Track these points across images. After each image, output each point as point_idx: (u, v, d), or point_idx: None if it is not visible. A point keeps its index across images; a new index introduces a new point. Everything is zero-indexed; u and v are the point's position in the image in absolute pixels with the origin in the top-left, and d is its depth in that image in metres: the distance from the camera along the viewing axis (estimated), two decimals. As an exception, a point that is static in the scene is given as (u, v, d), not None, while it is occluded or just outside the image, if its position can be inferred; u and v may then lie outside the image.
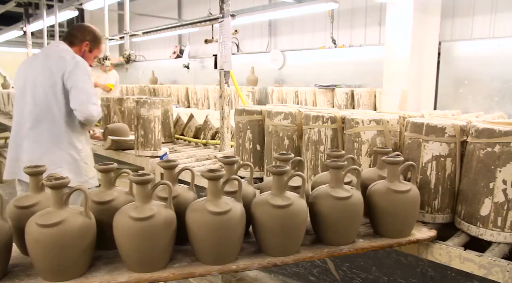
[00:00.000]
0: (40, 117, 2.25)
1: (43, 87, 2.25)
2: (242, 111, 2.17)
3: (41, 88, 2.25)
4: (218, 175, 1.12)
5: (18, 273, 1.09)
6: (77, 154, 2.32)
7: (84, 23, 2.63)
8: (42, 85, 2.25)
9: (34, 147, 2.25)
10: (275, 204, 1.15)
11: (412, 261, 1.58)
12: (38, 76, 2.28)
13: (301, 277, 2.49)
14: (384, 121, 1.68)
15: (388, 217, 1.31)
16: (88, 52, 2.49)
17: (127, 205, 1.12)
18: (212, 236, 1.10)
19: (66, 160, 2.27)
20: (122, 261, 1.14)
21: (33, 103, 2.27)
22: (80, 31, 2.48)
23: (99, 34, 2.56)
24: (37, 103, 2.26)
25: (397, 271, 1.69)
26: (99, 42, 2.55)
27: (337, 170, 1.27)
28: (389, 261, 1.70)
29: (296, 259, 1.20)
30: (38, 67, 2.31)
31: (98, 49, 2.57)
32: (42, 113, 2.25)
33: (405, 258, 1.60)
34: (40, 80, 2.27)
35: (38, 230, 1.01)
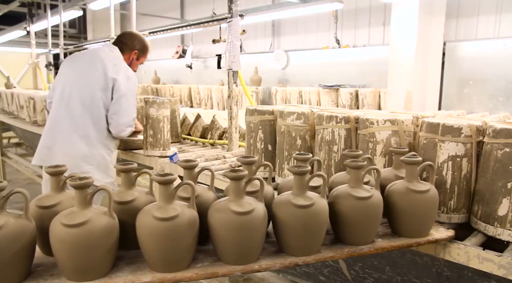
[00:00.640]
0: (83, 115, 2.33)
1: (92, 88, 2.33)
2: (254, 111, 2.17)
3: (90, 88, 2.33)
4: (240, 175, 1.12)
5: (42, 273, 1.09)
6: (108, 155, 2.41)
7: (134, 31, 2.71)
8: (91, 86, 2.33)
9: (70, 140, 2.32)
10: (297, 204, 1.15)
11: (427, 261, 1.58)
12: (88, 75, 2.35)
13: (311, 277, 2.50)
14: (399, 121, 1.68)
15: (407, 217, 1.32)
16: (135, 60, 2.59)
17: (150, 205, 1.12)
18: (235, 236, 1.10)
19: (97, 159, 2.35)
20: (144, 261, 1.14)
21: (78, 100, 2.33)
22: (130, 40, 2.56)
23: (147, 44, 2.64)
24: (83, 101, 2.33)
25: (412, 271, 1.70)
26: (146, 51, 2.64)
27: (357, 170, 1.27)
28: (404, 261, 1.70)
29: (317, 259, 1.20)
30: (90, 67, 2.38)
31: (145, 57, 2.65)
32: (85, 111, 2.33)
33: (420, 258, 1.61)
34: (90, 80, 2.34)
35: (63, 230, 1.01)
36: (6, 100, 5.69)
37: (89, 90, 2.33)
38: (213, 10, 5.80)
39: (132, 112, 2.44)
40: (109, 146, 2.43)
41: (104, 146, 2.40)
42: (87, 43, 6.76)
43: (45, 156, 2.35)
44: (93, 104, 2.34)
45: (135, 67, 2.61)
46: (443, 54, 4.61)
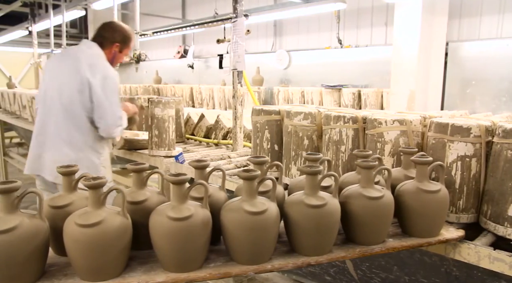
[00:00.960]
0: (65, 119, 2.23)
1: (70, 91, 2.22)
2: (260, 111, 2.17)
3: (69, 91, 2.23)
4: (253, 175, 1.12)
5: (55, 273, 1.09)
6: (97, 158, 2.32)
7: (114, 22, 2.53)
8: (70, 89, 2.22)
9: (56, 147, 2.24)
10: (310, 204, 1.15)
11: (436, 261, 1.59)
12: (66, 78, 2.25)
13: (316, 277, 2.50)
14: (407, 121, 1.68)
15: (418, 217, 1.32)
16: (118, 53, 2.43)
17: (164, 205, 1.12)
18: (249, 236, 1.10)
19: (85, 164, 2.23)
20: (156, 261, 1.14)
21: (59, 104, 2.24)
22: (110, 32, 2.39)
23: (128, 33, 2.46)
24: (64, 105, 2.23)
25: (420, 271, 1.70)
26: (129, 41, 2.47)
27: (368, 170, 1.27)
28: (412, 260, 1.70)
29: (330, 259, 1.20)
30: (67, 68, 2.27)
31: (129, 47, 2.49)
32: (67, 115, 2.23)
33: (429, 258, 1.61)
34: (67, 83, 2.24)
35: (78, 230, 1.01)
36: (8, 100, 5.69)
37: (67, 93, 2.22)
38: (215, 10, 5.80)
39: (117, 111, 2.31)
40: (97, 148, 2.31)
41: (91, 149, 2.29)
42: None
43: (35, 164, 2.28)
44: (73, 108, 2.23)
45: (120, 60, 2.48)
46: (445, 54, 4.61)
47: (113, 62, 2.42)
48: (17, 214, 1.02)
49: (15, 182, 1.03)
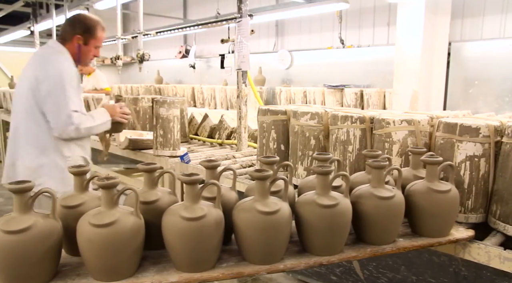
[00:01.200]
0: (30, 122, 2.11)
1: (28, 92, 2.10)
2: (267, 111, 2.17)
3: (27, 92, 2.10)
4: (266, 175, 1.12)
5: (68, 273, 1.09)
6: (63, 161, 2.12)
7: (77, 14, 2.31)
8: (28, 90, 2.10)
9: (28, 152, 2.12)
10: (322, 203, 1.15)
11: (445, 261, 1.59)
12: (25, 79, 2.14)
13: (322, 277, 2.50)
14: (416, 121, 1.68)
15: (428, 216, 1.32)
16: (83, 45, 2.19)
17: (176, 205, 1.12)
18: (261, 236, 1.10)
19: (50, 168, 2.10)
20: (168, 261, 1.14)
21: (23, 108, 2.13)
22: (70, 25, 2.20)
23: (91, 22, 2.21)
24: (26, 108, 2.11)
25: (428, 270, 1.70)
26: (93, 31, 2.20)
27: (379, 170, 1.27)
28: (420, 260, 1.70)
29: (341, 259, 1.20)
30: (27, 70, 2.17)
31: (96, 38, 2.23)
32: (32, 118, 2.11)
33: (437, 258, 1.61)
34: (27, 84, 2.11)
35: (92, 230, 1.01)
36: (10, 100, 5.68)
37: (26, 95, 2.09)
38: (217, 10, 5.79)
39: (65, 107, 2.05)
40: (62, 151, 2.12)
41: (56, 152, 2.11)
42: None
43: (10, 173, 2.15)
44: (33, 110, 2.09)
45: (89, 53, 2.24)
46: (448, 54, 4.61)
47: (81, 57, 2.22)
48: (31, 214, 1.02)
49: (28, 182, 1.03)
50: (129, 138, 2.86)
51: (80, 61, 2.25)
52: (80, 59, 2.24)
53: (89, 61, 2.34)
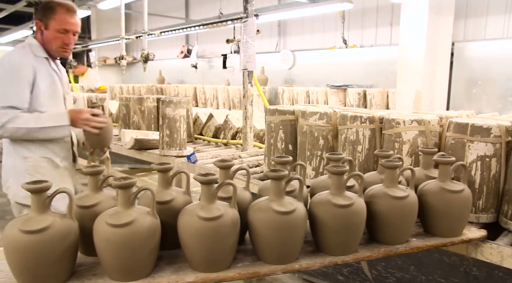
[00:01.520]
0: None
1: None
2: (275, 111, 2.17)
3: None
4: (281, 175, 1.12)
5: (84, 273, 1.09)
6: (22, 163, 1.93)
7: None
8: None
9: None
10: (337, 203, 1.16)
11: (456, 261, 1.59)
12: None
13: (328, 277, 2.50)
14: (426, 121, 1.68)
15: (442, 216, 1.32)
16: (45, 30, 1.92)
17: (192, 205, 1.12)
18: (277, 235, 1.10)
19: (13, 169, 1.94)
20: (184, 261, 1.14)
21: None
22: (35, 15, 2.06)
23: (49, 4, 1.95)
24: None
25: (438, 270, 1.70)
26: (50, 12, 1.92)
27: (392, 170, 1.27)
28: (430, 260, 1.71)
29: (355, 258, 1.21)
30: None
31: (56, 20, 1.91)
32: None
33: (448, 258, 1.61)
34: None
35: (109, 230, 1.01)
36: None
37: None
38: (220, 10, 5.80)
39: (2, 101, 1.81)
40: (20, 151, 1.92)
41: (16, 154, 1.92)
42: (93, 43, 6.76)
43: None
44: None
45: (54, 41, 1.93)
46: (451, 54, 4.62)
47: (46, 44, 1.95)
48: (48, 213, 1.02)
49: (45, 181, 1.03)
50: (135, 138, 2.86)
51: (50, 51, 1.96)
52: (47, 47, 1.95)
53: (60, 50, 1.97)
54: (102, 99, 4.33)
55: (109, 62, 8.98)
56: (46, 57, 1.98)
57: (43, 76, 1.93)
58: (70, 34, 1.96)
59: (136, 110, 3.32)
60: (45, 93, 1.93)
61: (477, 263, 1.50)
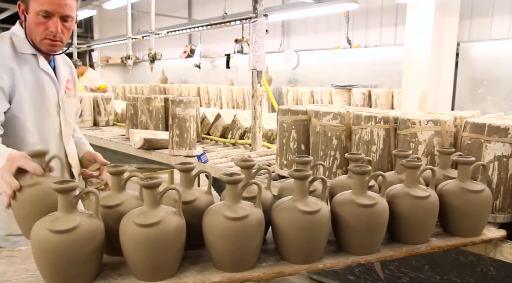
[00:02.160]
0: None
1: None
2: (287, 111, 2.17)
3: None
4: (306, 175, 1.13)
5: (109, 273, 1.09)
6: None
7: None
8: None
9: None
10: (361, 203, 1.16)
11: (472, 261, 1.59)
12: None
13: (339, 276, 2.50)
14: (442, 121, 1.69)
15: (462, 216, 1.32)
16: (27, 14, 1.53)
17: (217, 205, 1.12)
18: (302, 235, 1.10)
19: None
20: (207, 261, 1.14)
21: None
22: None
23: None
24: None
25: (453, 270, 1.71)
26: None
27: (414, 170, 1.28)
28: (446, 260, 1.71)
29: (378, 258, 1.21)
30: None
31: (37, 2, 1.49)
32: None
33: (465, 257, 1.62)
34: None
35: (137, 230, 1.01)
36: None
37: None
38: (224, 9, 5.80)
39: None
40: None
41: None
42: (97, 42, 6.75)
43: None
44: None
45: (35, 27, 1.51)
46: (456, 54, 4.63)
47: (31, 35, 1.55)
48: (75, 213, 1.02)
49: (72, 181, 1.03)
50: (144, 138, 2.86)
51: (34, 42, 1.56)
52: (30, 37, 1.55)
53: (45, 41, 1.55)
54: (108, 99, 4.34)
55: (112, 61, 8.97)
56: (34, 53, 1.57)
57: (26, 79, 1.54)
58: (55, 18, 1.51)
59: (144, 109, 3.31)
60: (29, 101, 1.54)
61: (495, 263, 1.51)
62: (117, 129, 4.03)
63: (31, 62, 1.56)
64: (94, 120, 4.20)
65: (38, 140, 1.58)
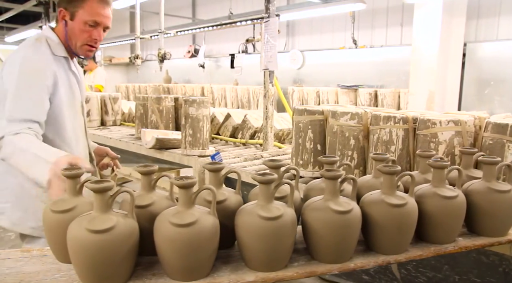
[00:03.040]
0: None
1: None
2: (303, 111, 2.18)
3: None
4: (338, 175, 1.13)
5: (143, 272, 1.09)
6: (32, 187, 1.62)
7: None
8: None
9: None
10: (392, 203, 1.16)
11: (495, 260, 1.60)
12: None
13: (352, 276, 2.51)
14: (462, 121, 1.70)
15: (488, 216, 1.33)
16: (70, 21, 1.65)
17: (250, 205, 1.13)
18: (335, 235, 1.11)
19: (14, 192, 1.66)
20: (239, 261, 1.15)
21: None
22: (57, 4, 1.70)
23: None
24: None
25: (474, 270, 1.71)
26: (79, 1, 1.64)
27: (441, 170, 1.28)
28: (466, 260, 1.71)
29: (407, 257, 1.21)
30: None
31: (84, 9, 1.63)
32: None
33: (486, 257, 1.62)
34: None
35: (173, 230, 1.01)
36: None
37: None
38: (230, 9, 5.80)
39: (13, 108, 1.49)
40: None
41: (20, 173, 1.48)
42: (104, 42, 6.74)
43: None
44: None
45: (79, 35, 1.65)
46: (463, 54, 4.64)
47: (69, 38, 1.66)
48: (111, 213, 1.02)
49: (108, 181, 1.03)
50: (156, 138, 2.86)
51: (72, 46, 1.68)
52: (69, 42, 1.66)
53: (86, 47, 1.68)
54: (115, 98, 4.33)
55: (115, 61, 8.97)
56: (66, 56, 1.70)
57: (63, 80, 1.65)
58: (100, 28, 1.68)
59: (154, 109, 3.31)
60: (65, 101, 1.66)
61: (518, 263, 1.52)
62: (125, 128, 4.03)
63: (64, 64, 1.70)
64: (102, 119, 4.20)
65: (74, 139, 1.71)
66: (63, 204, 1.12)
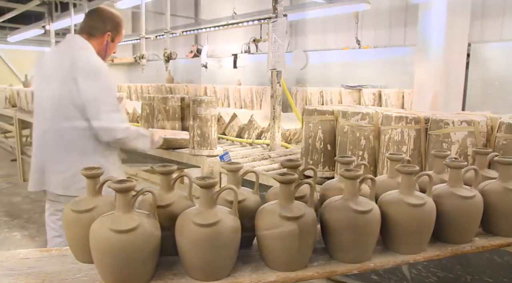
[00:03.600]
0: (63, 126, 2.04)
1: (59, 93, 2.03)
2: (313, 111, 2.18)
3: (58, 93, 2.03)
4: (357, 175, 1.13)
5: (164, 272, 1.09)
6: (105, 161, 2.07)
7: (101, 8, 2.24)
8: (59, 91, 2.03)
9: (60, 156, 2.05)
10: (411, 202, 1.17)
11: (508, 260, 1.60)
12: (53, 79, 2.06)
13: (360, 276, 2.51)
14: (475, 122, 1.70)
15: (504, 216, 1.33)
16: (110, 42, 2.23)
17: (269, 205, 1.13)
18: (355, 234, 1.11)
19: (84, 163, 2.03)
20: (258, 260, 1.15)
21: (54, 110, 2.05)
22: (99, 21, 2.17)
23: (119, 19, 2.25)
24: (58, 110, 2.04)
25: (487, 270, 1.72)
26: (120, 28, 2.26)
27: (458, 170, 1.29)
28: (479, 259, 1.72)
29: (426, 257, 1.22)
30: (53, 68, 2.10)
31: (120, 35, 2.27)
32: (64, 122, 2.04)
33: (500, 257, 1.63)
34: (57, 85, 2.04)
35: (196, 230, 1.01)
36: (25, 99, 5.67)
37: (57, 97, 2.03)
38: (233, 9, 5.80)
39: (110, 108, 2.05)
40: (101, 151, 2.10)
41: (95, 153, 2.07)
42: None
43: (39, 180, 2.10)
44: (67, 111, 2.02)
45: (112, 50, 2.28)
46: (467, 55, 4.63)
47: (106, 53, 2.25)
48: (133, 213, 1.03)
49: (130, 181, 1.03)
50: (164, 137, 2.85)
51: (102, 57, 2.21)
52: (105, 56, 2.26)
53: (107, 59, 2.33)
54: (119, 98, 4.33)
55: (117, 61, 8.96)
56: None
57: None
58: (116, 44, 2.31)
59: (161, 109, 3.31)
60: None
61: (532, 263, 1.52)
62: (130, 128, 4.02)
63: None
64: (107, 119, 4.19)
65: None
66: (83, 204, 1.12)
